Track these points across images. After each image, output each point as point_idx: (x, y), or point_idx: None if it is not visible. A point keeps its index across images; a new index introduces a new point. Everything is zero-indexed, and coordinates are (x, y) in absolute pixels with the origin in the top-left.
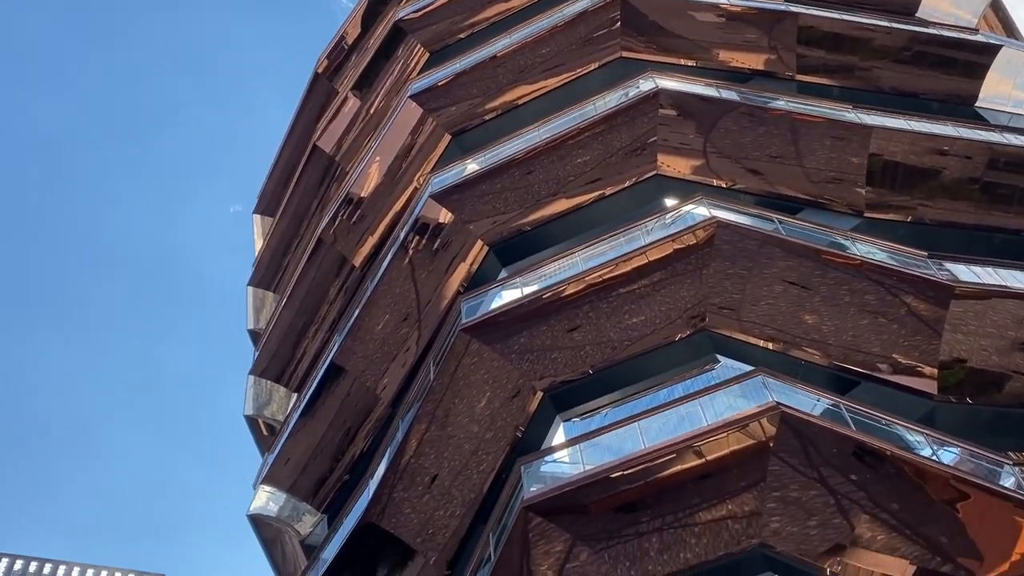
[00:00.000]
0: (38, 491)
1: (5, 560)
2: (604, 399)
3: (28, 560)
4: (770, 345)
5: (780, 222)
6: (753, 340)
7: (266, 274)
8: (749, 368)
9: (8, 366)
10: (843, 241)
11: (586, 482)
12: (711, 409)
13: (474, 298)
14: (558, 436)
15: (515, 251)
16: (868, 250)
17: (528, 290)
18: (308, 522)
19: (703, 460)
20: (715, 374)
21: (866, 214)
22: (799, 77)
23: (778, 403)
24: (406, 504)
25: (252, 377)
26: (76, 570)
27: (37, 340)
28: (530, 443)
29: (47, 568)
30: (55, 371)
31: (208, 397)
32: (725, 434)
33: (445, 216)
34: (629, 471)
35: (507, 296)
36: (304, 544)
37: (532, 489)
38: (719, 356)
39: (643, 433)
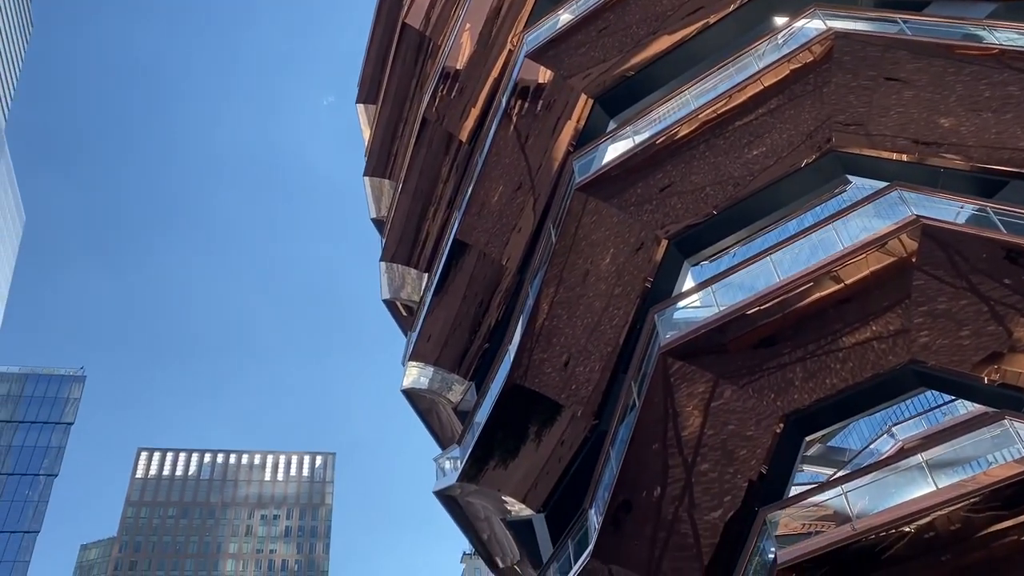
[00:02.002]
0: (207, 392)
1: (195, 455)
2: (731, 239)
3: (215, 453)
4: (904, 157)
5: (904, 22)
6: (885, 154)
7: (378, 162)
8: (883, 184)
9: (157, 283)
10: (978, 31)
11: (722, 322)
12: (845, 232)
13: (585, 155)
14: (687, 282)
15: (621, 100)
16: (1008, 37)
17: (640, 138)
18: (458, 390)
19: (842, 285)
20: (847, 196)
21: None
22: None
23: (918, 216)
24: (546, 364)
25: (383, 264)
26: (257, 457)
27: (177, 255)
28: (660, 292)
29: (232, 458)
30: (198, 281)
31: (346, 286)
32: (863, 255)
33: (544, 75)
34: (766, 305)
35: (618, 148)
36: (457, 411)
37: (667, 335)
38: (849, 177)
39: (776, 266)
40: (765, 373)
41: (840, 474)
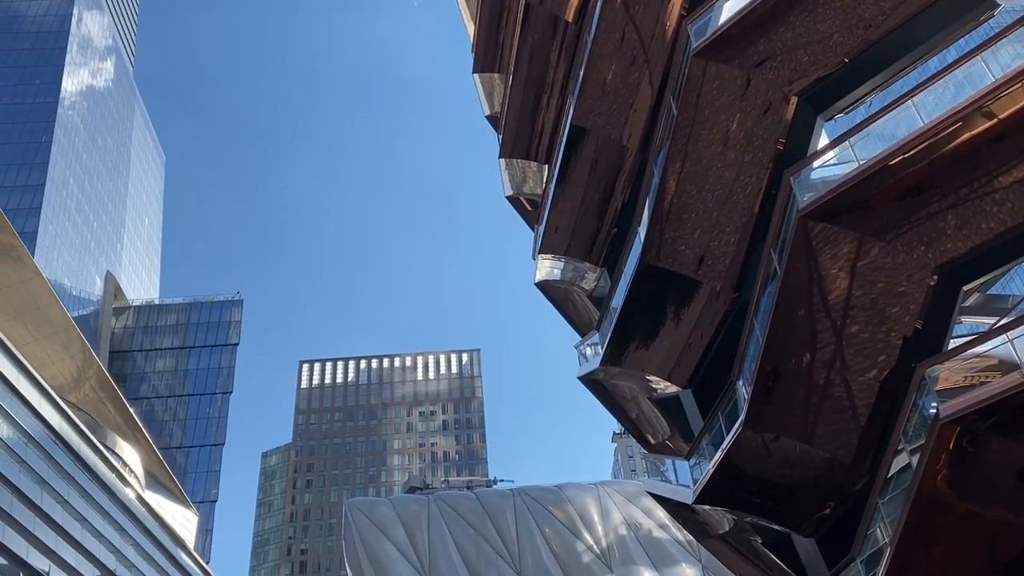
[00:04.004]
0: (351, 303)
1: (351, 362)
2: (866, 86)
3: (369, 359)
4: None
5: None
6: None
7: (486, 57)
8: None
9: (290, 204)
10: None
11: (864, 176)
12: (996, 63)
13: (699, 18)
14: (822, 139)
15: None
16: None
17: None
18: (591, 278)
19: (995, 121)
20: (994, 23)
21: None
22: None
23: None
24: (678, 242)
25: (503, 160)
26: (408, 359)
27: (303, 176)
28: (793, 154)
29: (385, 362)
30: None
31: (469, 188)
32: (1019, 85)
33: None
34: (910, 153)
35: (735, 4)
36: (592, 297)
37: (805, 198)
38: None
39: (919, 110)
40: (914, 225)
41: (1004, 321)
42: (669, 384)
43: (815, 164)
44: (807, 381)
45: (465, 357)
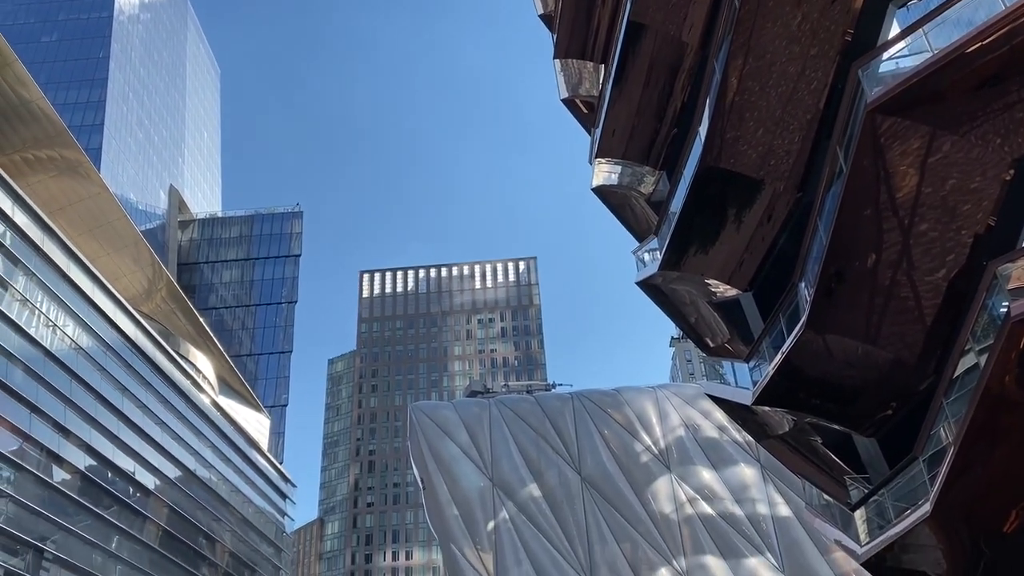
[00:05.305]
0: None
1: (411, 272)
2: None
3: (427, 268)
4: None
5: None
6: None
7: None
8: None
9: (342, 115)
10: None
11: (938, 66)
12: None
13: None
14: (893, 29)
15: None
16: None
17: None
18: (649, 182)
19: None
20: None
21: None
22: None
23: None
24: (740, 142)
25: (557, 61)
26: (466, 267)
27: (355, 85)
28: (862, 45)
29: (444, 271)
30: (379, 109)
31: (522, 92)
32: None
33: None
34: (989, 39)
35: None
36: (650, 202)
37: (874, 91)
38: None
39: None
40: (990, 117)
41: None
42: (729, 287)
43: (885, 56)
44: (872, 282)
45: (522, 265)
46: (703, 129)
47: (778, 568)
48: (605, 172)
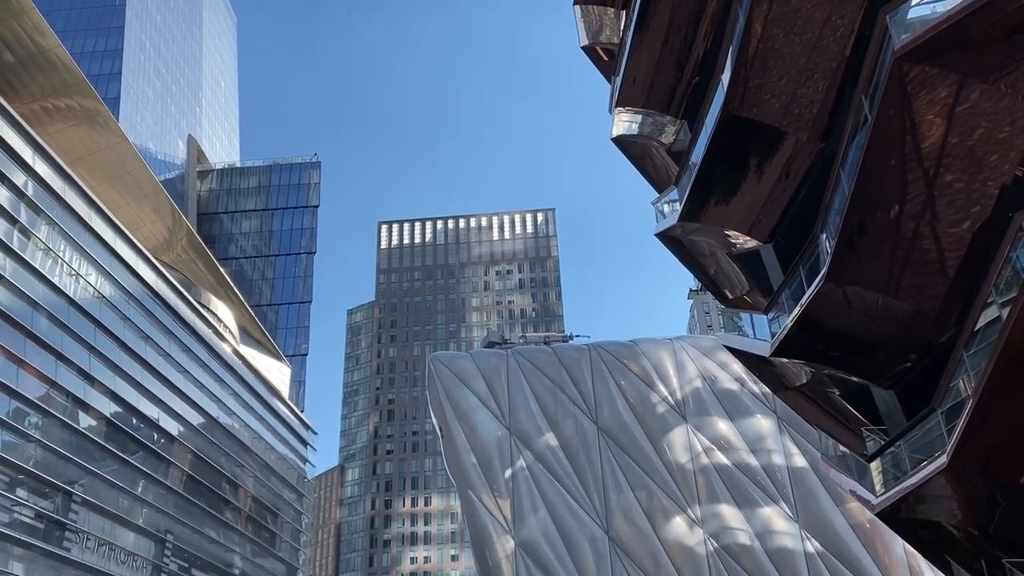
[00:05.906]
0: (425, 165)
1: (428, 223)
2: None
3: (445, 219)
4: None
5: None
6: None
7: None
8: None
9: (358, 67)
10: None
11: (970, 10)
12: None
13: None
14: None
15: None
16: None
17: None
18: (670, 132)
19: None
20: None
21: None
22: None
23: None
24: (763, 90)
25: (577, 7)
26: (484, 219)
27: (368, 36)
28: None
29: (462, 223)
30: (394, 61)
31: (539, 40)
32: None
33: None
34: None
35: None
36: (671, 152)
37: (902, 38)
38: None
39: None
40: (1021, 64)
41: None
42: (749, 239)
43: (914, 1)
44: (894, 233)
45: (540, 216)
46: (726, 77)
47: (792, 517)
48: (625, 122)
